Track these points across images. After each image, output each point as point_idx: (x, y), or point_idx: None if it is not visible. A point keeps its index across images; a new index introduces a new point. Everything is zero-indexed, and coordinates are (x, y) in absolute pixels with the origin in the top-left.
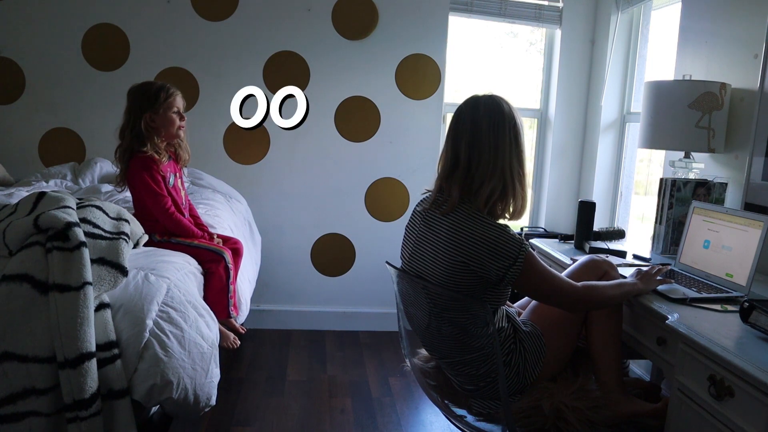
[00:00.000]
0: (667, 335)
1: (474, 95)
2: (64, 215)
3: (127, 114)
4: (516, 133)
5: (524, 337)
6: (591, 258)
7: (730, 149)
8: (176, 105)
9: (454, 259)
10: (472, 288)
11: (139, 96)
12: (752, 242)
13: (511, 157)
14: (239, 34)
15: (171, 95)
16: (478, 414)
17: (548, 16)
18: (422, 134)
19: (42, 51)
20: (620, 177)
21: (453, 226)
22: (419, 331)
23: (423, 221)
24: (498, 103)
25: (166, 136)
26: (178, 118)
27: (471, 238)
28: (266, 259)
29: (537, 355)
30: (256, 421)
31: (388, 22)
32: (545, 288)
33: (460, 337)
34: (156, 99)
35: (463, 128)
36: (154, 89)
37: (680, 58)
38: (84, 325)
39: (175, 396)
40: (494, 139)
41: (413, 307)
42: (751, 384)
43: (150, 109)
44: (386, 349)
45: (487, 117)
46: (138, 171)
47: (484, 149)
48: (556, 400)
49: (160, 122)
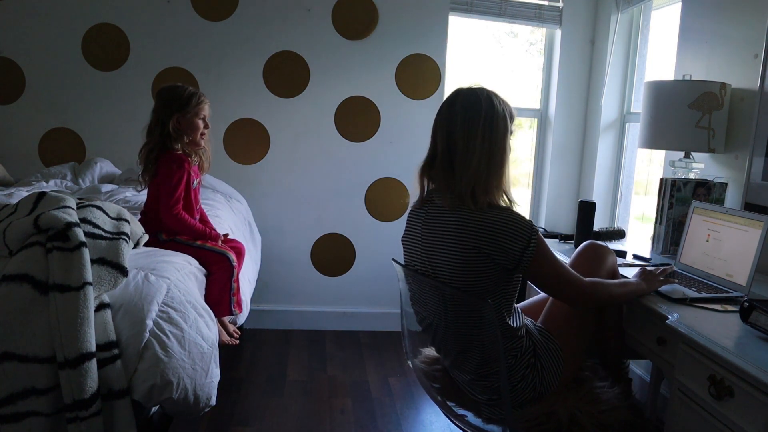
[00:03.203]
0: (667, 335)
1: (458, 88)
2: (64, 215)
3: (156, 114)
4: (490, 123)
5: (542, 353)
6: (590, 243)
7: (730, 149)
8: (204, 112)
9: (468, 249)
10: (488, 278)
11: (170, 97)
12: (752, 242)
13: (482, 149)
14: (239, 34)
15: (201, 101)
16: (489, 420)
17: (548, 16)
18: (422, 134)
19: (42, 51)
20: (620, 177)
21: (461, 217)
22: (436, 337)
23: (425, 222)
24: (475, 94)
25: (190, 141)
26: (203, 125)
27: (483, 223)
28: (266, 259)
29: (555, 371)
30: (256, 421)
31: (388, 22)
32: (555, 277)
33: (474, 341)
34: (188, 103)
35: (440, 120)
36: (187, 93)
37: (680, 58)
38: (84, 325)
39: (175, 396)
40: (467, 130)
41: (426, 310)
42: (751, 384)
43: (179, 112)
44: (386, 349)
45: (462, 108)
46: (169, 164)
47: (459, 140)
48: (570, 406)
49: (186, 126)
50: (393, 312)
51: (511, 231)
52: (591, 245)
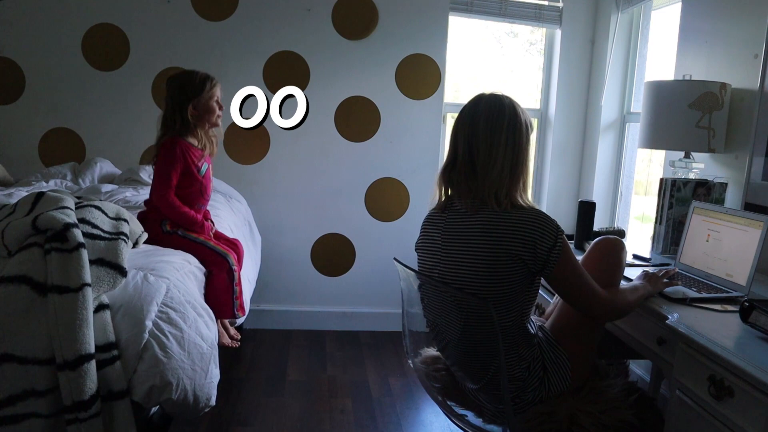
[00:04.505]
0: (667, 335)
1: (480, 93)
2: (63, 216)
3: (170, 102)
4: (513, 130)
5: (550, 365)
6: (603, 239)
7: (730, 149)
8: (217, 94)
9: (496, 250)
10: (515, 282)
11: (183, 85)
12: (752, 242)
13: (505, 154)
14: (239, 34)
15: (214, 85)
16: (490, 420)
17: (548, 16)
18: (422, 134)
19: (42, 51)
20: (620, 177)
21: (486, 218)
22: (447, 345)
23: (445, 227)
24: (499, 99)
25: (208, 124)
26: (218, 107)
27: (510, 222)
28: (266, 259)
29: (562, 381)
30: (256, 421)
31: (388, 22)
32: (577, 283)
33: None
34: (202, 88)
35: (461, 125)
36: (199, 78)
37: (680, 58)
38: (83, 326)
39: (174, 397)
40: (490, 135)
41: (440, 318)
42: (750, 384)
43: (195, 98)
44: (386, 349)
45: (485, 113)
46: (168, 148)
47: (481, 144)
48: (570, 406)
49: (203, 110)
50: (393, 312)
51: (540, 229)
52: (604, 242)
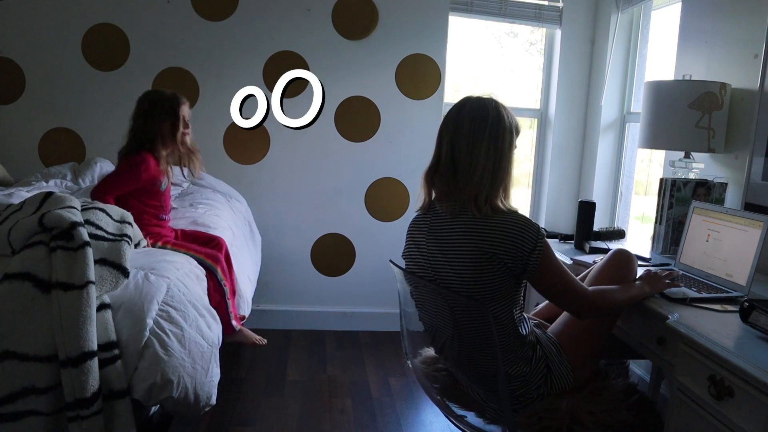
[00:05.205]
0: (667, 335)
1: (467, 96)
2: (69, 215)
3: (137, 119)
4: (496, 133)
5: (553, 365)
6: (619, 250)
7: (730, 149)
8: (183, 113)
9: (478, 254)
10: (499, 284)
11: (148, 103)
12: (752, 242)
13: (487, 158)
14: (239, 34)
15: (182, 104)
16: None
17: (548, 16)
18: (422, 134)
19: (42, 51)
20: (620, 177)
21: (465, 223)
22: (444, 346)
23: (430, 229)
24: (484, 103)
25: (175, 142)
26: (183, 125)
27: (491, 226)
28: (266, 259)
29: (564, 381)
30: (256, 421)
31: (388, 22)
32: (559, 284)
33: (485, 349)
34: (170, 106)
35: (446, 126)
36: (165, 98)
37: (680, 58)
38: (87, 323)
39: (175, 395)
40: (472, 139)
41: (434, 319)
42: (750, 384)
43: (158, 117)
44: (386, 349)
45: (469, 116)
46: (135, 165)
47: (463, 147)
48: (571, 402)
49: (167, 130)
50: (393, 312)
51: (520, 232)
52: (618, 254)
